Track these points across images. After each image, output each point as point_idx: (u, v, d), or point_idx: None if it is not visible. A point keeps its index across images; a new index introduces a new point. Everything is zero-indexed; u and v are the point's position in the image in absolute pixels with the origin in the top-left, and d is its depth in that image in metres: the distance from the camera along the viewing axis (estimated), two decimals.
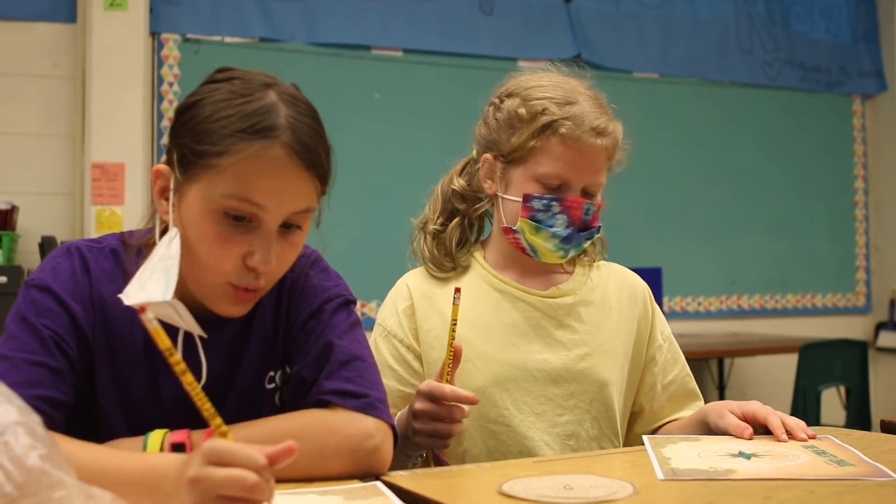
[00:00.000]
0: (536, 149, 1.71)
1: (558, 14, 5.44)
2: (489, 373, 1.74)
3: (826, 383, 4.53)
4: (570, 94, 1.73)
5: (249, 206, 1.24)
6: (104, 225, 4.41)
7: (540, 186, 1.72)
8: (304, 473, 1.24)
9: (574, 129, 1.68)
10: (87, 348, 1.33)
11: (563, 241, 1.72)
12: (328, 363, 1.37)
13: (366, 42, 5.02)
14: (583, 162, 1.70)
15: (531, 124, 1.71)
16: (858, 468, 1.30)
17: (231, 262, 1.26)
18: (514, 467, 1.37)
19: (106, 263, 1.38)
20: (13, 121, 4.50)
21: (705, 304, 5.79)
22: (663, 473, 1.28)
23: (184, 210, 1.28)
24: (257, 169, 1.23)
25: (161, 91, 4.66)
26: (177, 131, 1.30)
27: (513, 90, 1.79)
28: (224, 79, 1.30)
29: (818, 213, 6.19)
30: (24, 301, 1.31)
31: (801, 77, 6.14)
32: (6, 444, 0.85)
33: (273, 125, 1.24)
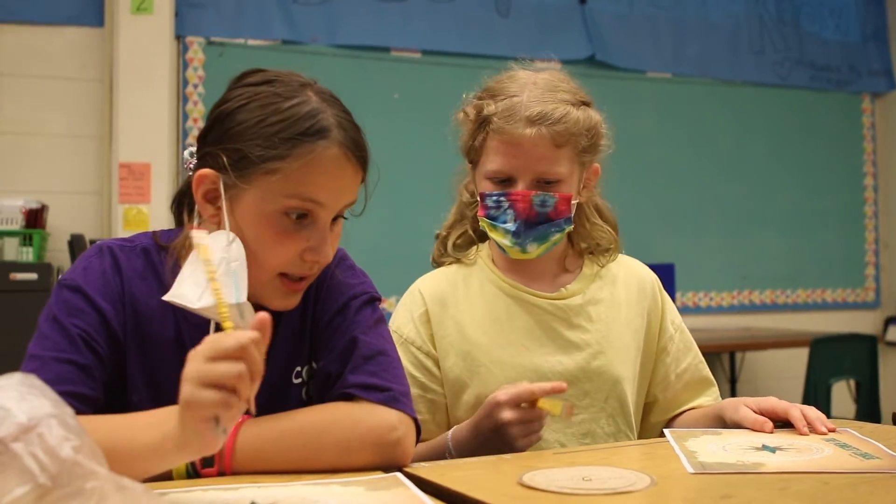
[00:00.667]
0: (479, 147, 1.72)
1: (573, 15, 5.51)
2: (504, 378, 1.69)
3: (836, 377, 4.55)
4: (517, 87, 1.70)
5: (311, 204, 1.29)
6: (131, 223, 4.49)
7: (491, 184, 1.71)
8: (328, 465, 1.27)
9: (503, 123, 1.66)
10: (118, 346, 1.34)
11: (513, 236, 1.70)
12: (353, 358, 1.38)
13: (385, 43, 5.11)
14: (519, 153, 1.67)
15: (473, 124, 1.73)
16: (885, 461, 1.29)
17: (290, 258, 1.31)
18: (534, 459, 1.38)
19: (137, 262, 1.40)
20: (43, 122, 4.58)
21: (717, 300, 5.85)
22: (692, 467, 1.27)
23: (238, 212, 1.30)
24: (319, 169, 1.28)
25: (186, 93, 4.75)
26: (223, 136, 1.31)
27: (477, 92, 1.80)
28: (261, 81, 1.33)
29: (828, 209, 6.24)
30: (56, 301, 1.33)
31: (812, 76, 6.20)
32: (40, 435, 0.86)
33: (327, 126, 1.29)
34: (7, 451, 0.85)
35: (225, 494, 1.13)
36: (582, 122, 1.70)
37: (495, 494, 1.14)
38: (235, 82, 1.36)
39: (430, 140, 5.32)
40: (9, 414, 0.87)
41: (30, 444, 0.86)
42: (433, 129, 5.21)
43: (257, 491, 1.14)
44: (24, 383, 0.91)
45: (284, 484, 1.19)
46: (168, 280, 1.34)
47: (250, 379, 1.02)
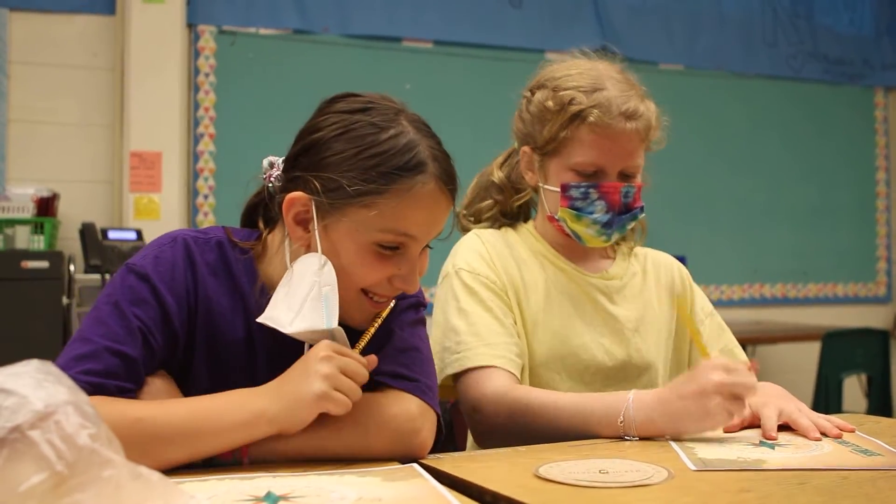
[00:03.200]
0: (568, 139, 1.71)
1: (586, 6, 5.50)
2: (547, 349, 1.74)
3: (848, 371, 4.56)
4: (598, 80, 1.72)
5: (405, 238, 1.29)
6: (142, 212, 4.50)
7: (576, 175, 1.72)
8: (346, 448, 1.28)
9: (602, 117, 1.67)
10: (177, 342, 1.33)
11: (604, 227, 1.73)
12: (385, 348, 1.38)
13: (397, 34, 5.10)
14: (615, 147, 1.70)
15: (560, 115, 1.71)
16: (886, 458, 1.30)
17: (376, 281, 1.32)
18: (550, 451, 1.37)
19: (211, 255, 1.38)
20: (54, 110, 4.59)
21: (728, 293, 5.84)
22: (693, 464, 1.27)
23: (331, 238, 1.30)
24: (415, 204, 1.27)
25: (197, 81, 4.75)
26: (317, 164, 1.29)
27: (542, 81, 1.79)
28: (356, 109, 1.31)
29: (840, 203, 6.23)
30: (122, 285, 1.31)
31: (825, 69, 6.18)
32: (57, 423, 0.86)
33: (424, 160, 1.28)
34: (24, 439, 0.85)
35: (241, 484, 1.12)
36: (655, 116, 1.77)
37: (511, 486, 1.14)
38: (326, 107, 1.35)
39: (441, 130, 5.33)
40: (25, 401, 0.87)
41: (47, 431, 0.86)
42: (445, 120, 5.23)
43: (273, 481, 1.14)
44: (41, 370, 0.91)
45: (300, 474, 1.19)
46: (241, 277, 1.37)
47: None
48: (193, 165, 4.73)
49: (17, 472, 0.84)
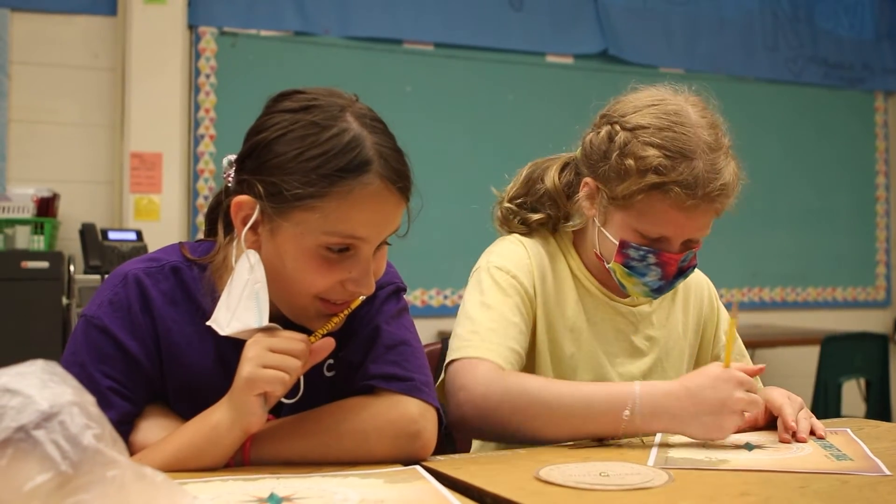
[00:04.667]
0: (640, 203, 1.59)
1: (586, 10, 5.50)
2: (563, 370, 1.72)
3: (847, 375, 4.56)
4: (687, 144, 1.58)
5: (352, 240, 1.25)
6: (142, 213, 4.50)
7: (640, 237, 1.63)
8: (347, 455, 1.28)
9: (684, 196, 1.55)
10: (152, 383, 1.34)
11: (653, 292, 1.68)
12: (374, 347, 1.38)
13: (398, 36, 5.09)
14: (689, 223, 1.61)
15: (640, 179, 1.58)
16: (856, 463, 1.30)
17: (329, 286, 1.27)
18: (551, 454, 1.38)
19: (166, 285, 1.37)
20: (55, 111, 4.58)
21: (727, 296, 5.82)
22: (654, 461, 1.30)
23: (278, 242, 1.27)
24: (359, 205, 1.23)
25: (198, 83, 4.74)
26: (260, 168, 1.27)
27: (625, 121, 1.64)
28: (299, 108, 1.27)
29: (840, 207, 6.23)
30: (84, 340, 1.32)
31: (825, 73, 6.18)
32: (62, 423, 0.86)
33: (367, 158, 1.24)
34: (29, 439, 0.86)
35: (244, 485, 1.13)
36: (737, 180, 1.67)
37: (512, 489, 1.15)
38: (272, 105, 1.31)
39: (442, 132, 5.36)
40: (31, 401, 0.87)
41: (51, 431, 0.87)
42: (446, 122, 5.25)
43: (276, 483, 1.14)
44: (46, 370, 0.91)
45: (303, 476, 1.19)
46: (202, 300, 1.35)
47: (300, 370, 1.24)
48: (194, 166, 4.73)
49: (21, 471, 0.85)
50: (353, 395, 1.36)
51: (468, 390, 1.53)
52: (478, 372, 1.54)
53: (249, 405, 1.21)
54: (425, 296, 5.03)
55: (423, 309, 4.98)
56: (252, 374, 1.20)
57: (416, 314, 4.97)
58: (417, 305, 4.98)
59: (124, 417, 1.31)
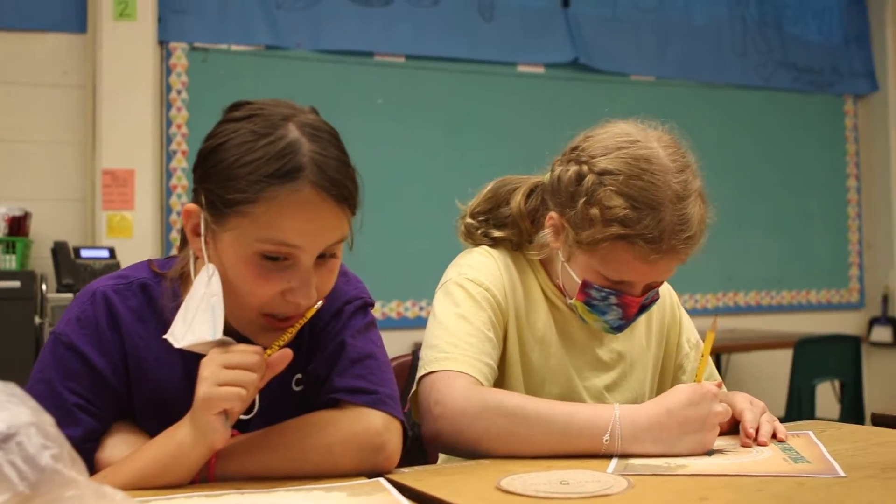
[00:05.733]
0: (606, 250, 1.57)
1: (556, 19, 5.52)
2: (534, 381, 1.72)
3: (820, 377, 4.58)
4: (654, 194, 1.55)
5: (285, 248, 1.24)
6: (115, 230, 4.48)
7: (602, 278, 1.61)
8: (312, 469, 1.28)
9: (649, 250, 1.54)
10: (118, 399, 1.35)
11: (614, 329, 1.68)
12: (339, 361, 1.38)
13: (369, 48, 5.09)
14: (652, 272, 1.60)
15: (605, 228, 1.56)
16: (812, 465, 1.32)
17: (270, 298, 1.26)
18: (514, 464, 1.38)
19: (134, 301, 1.38)
20: (25, 129, 4.56)
21: (702, 301, 5.88)
22: (614, 468, 1.32)
23: (219, 250, 1.27)
24: (289, 212, 1.22)
25: (170, 99, 4.74)
26: (203, 175, 1.28)
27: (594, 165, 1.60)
28: (243, 117, 1.28)
29: (812, 211, 6.28)
30: (52, 358, 1.33)
31: (794, 78, 6.23)
32: (19, 444, 0.87)
33: (299, 165, 1.22)
34: None
35: (206, 501, 1.13)
36: (701, 222, 1.63)
37: (473, 499, 1.16)
38: (224, 114, 1.32)
39: (413, 144, 5.37)
40: None
41: (9, 452, 0.87)
42: (417, 133, 5.25)
43: (240, 498, 1.15)
44: (4, 391, 0.91)
45: (267, 490, 1.19)
46: (169, 315, 1.34)
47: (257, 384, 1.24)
48: (166, 182, 4.72)
49: None
50: (319, 408, 1.36)
51: (444, 405, 1.51)
52: (455, 386, 1.53)
53: (211, 423, 1.21)
54: (401, 307, 5.02)
55: (398, 321, 4.98)
56: (208, 393, 1.20)
57: (391, 325, 4.98)
58: (393, 317, 4.98)
59: (90, 434, 1.31)
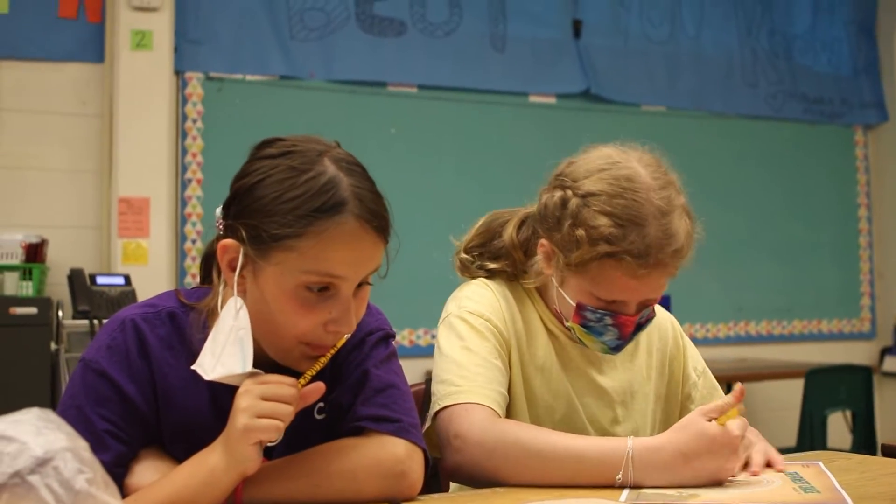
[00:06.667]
0: (595, 270, 1.60)
1: (567, 50, 5.56)
2: (534, 411, 1.72)
3: (832, 408, 4.57)
4: (638, 210, 1.58)
5: (330, 279, 1.28)
6: (130, 257, 4.52)
7: (595, 300, 1.63)
8: (337, 496, 1.30)
9: (636, 265, 1.56)
10: (147, 425, 1.37)
11: (612, 349, 1.69)
12: (364, 390, 1.40)
13: (382, 78, 5.15)
14: (642, 287, 1.61)
15: (592, 248, 1.58)
16: (822, 496, 1.31)
17: (312, 328, 1.30)
18: (527, 492, 1.38)
19: (162, 330, 1.40)
20: (43, 157, 4.61)
21: (713, 331, 5.87)
22: (627, 498, 1.32)
23: (260, 284, 1.30)
24: (335, 245, 1.27)
25: (185, 128, 4.79)
26: (241, 211, 1.32)
27: (575, 187, 1.64)
28: (279, 154, 1.32)
29: (823, 240, 6.28)
30: (82, 384, 1.35)
31: (805, 109, 6.25)
32: (56, 468, 0.90)
33: (342, 199, 1.27)
34: (24, 483, 0.89)
35: None
36: (691, 237, 1.67)
37: None
38: (255, 153, 1.36)
39: (427, 173, 5.40)
40: (25, 447, 0.90)
41: (45, 476, 0.90)
42: (430, 162, 5.28)
43: None
44: (41, 417, 0.94)
45: None
46: (197, 344, 1.36)
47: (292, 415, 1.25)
48: (181, 210, 4.76)
49: None
50: (343, 436, 1.38)
51: (463, 438, 1.52)
52: (474, 418, 1.54)
53: (246, 452, 1.23)
54: (413, 335, 5.04)
55: (411, 349, 5.00)
56: (248, 425, 1.22)
57: (404, 354, 4.95)
58: (405, 345, 4.99)
59: (119, 460, 1.33)
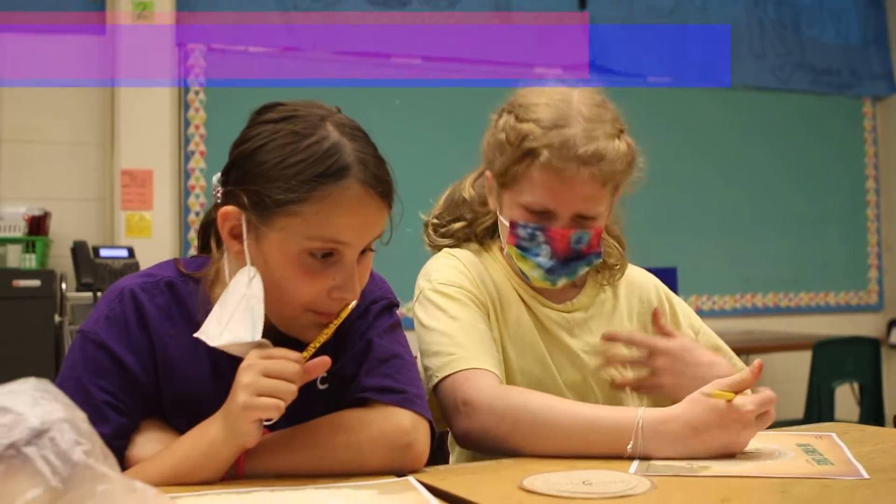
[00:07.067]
0: (520, 175, 1.60)
1: (573, 21, 5.52)
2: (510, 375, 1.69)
3: (839, 380, 4.57)
4: (563, 114, 1.58)
5: (334, 244, 1.26)
6: (133, 229, 4.51)
7: (526, 213, 1.62)
8: (341, 467, 1.28)
9: (555, 159, 1.55)
10: (147, 396, 1.35)
11: (547, 273, 1.65)
12: (367, 360, 1.38)
13: (386, 50, 5.12)
14: (567, 191, 1.58)
15: (515, 150, 1.59)
16: (837, 467, 1.29)
17: (317, 295, 1.29)
18: (535, 463, 1.37)
19: (161, 299, 1.38)
20: (45, 130, 4.61)
21: (720, 303, 5.86)
22: (637, 469, 1.30)
23: (263, 251, 1.29)
24: (339, 210, 1.25)
25: (187, 100, 4.76)
26: (242, 177, 1.30)
27: (509, 106, 1.67)
28: (280, 118, 1.30)
29: (830, 212, 6.26)
30: (81, 356, 1.33)
31: (812, 80, 6.21)
32: (52, 439, 0.87)
33: (346, 164, 1.26)
34: (20, 455, 0.86)
35: (237, 498, 1.13)
36: (624, 157, 1.61)
37: (496, 499, 1.15)
38: (255, 117, 1.34)
39: (430, 145, 5.37)
40: (22, 418, 0.88)
41: (42, 447, 0.87)
42: (434, 134, 5.26)
43: (270, 495, 1.15)
44: (38, 388, 0.92)
45: (296, 488, 1.19)
46: (196, 314, 1.35)
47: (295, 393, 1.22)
48: (185, 183, 4.75)
49: (12, 487, 0.85)
50: (346, 407, 1.36)
51: (473, 404, 1.51)
52: (481, 384, 1.52)
53: (245, 429, 1.21)
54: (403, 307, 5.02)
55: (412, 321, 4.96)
56: (248, 402, 1.19)
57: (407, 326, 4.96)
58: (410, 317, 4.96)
59: (120, 432, 1.31)
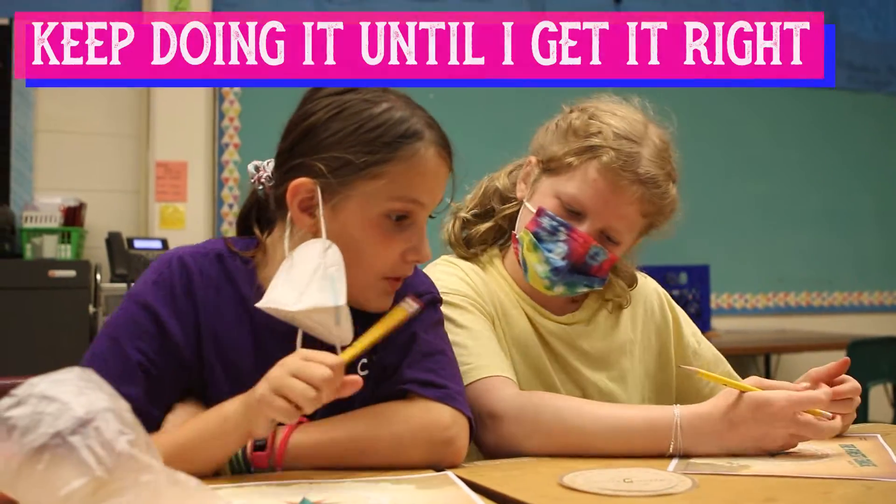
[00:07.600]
0: (574, 166, 1.59)
1: None
2: None
3: (874, 380, 4.52)
4: (638, 133, 1.60)
5: (414, 205, 1.31)
6: (167, 221, 4.54)
7: (559, 206, 1.60)
8: (381, 460, 1.28)
9: (616, 163, 1.55)
10: (184, 366, 1.35)
11: (552, 272, 1.61)
12: (411, 352, 1.38)
13: None
14: (611, 200, 1.57)
15: (580, 141, 1.59)
16: (880, 469, 1.27)
17: (393, 259, 1.32)
18: (572, 461, 1.35)
19: (212, 269, 1.39)
20: (81, 121, 4.64)
21: (752, 301, 5.82)
22: (676, 467, 1.29)
23: (341, 219, 1.30)
24: (421, 170, 1.31)
25: (222, 92, 4.78)
26: (318, 146, 1.30)
27: (585, 105, 1.68)
28: (343, 91, 1.34)
29: (865, 211, 6.21)
30: (125, 315, 1.34)
31: (850, 77, 6.15)
32: (97, 429, 0.88)
33: (420, 128, 1.31)
34: (65, 444, 0.87)
35: (277, 490, 1.14)
36: (671, 201, 1.63)
37: (537, 495, 1.14)
38: (311, 96, 1.36)
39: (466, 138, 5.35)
40: (67, 408, 0.89)
41: (87, 437, 0.88)
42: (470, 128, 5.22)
43: (309, 487, 1.15)
44: (83, 378, 0.92)
45: (336, 481, 1.19)
46: (244, 288, 1.36)
47: (319, 401, 1.15)
48: (218, 175, 4.77)
49: (58, 476, 0.86)
50: (387, 398, 1.36)
51: (498, 416, 1.46)
52: (503, 394, 1.49)
53: (258, 420, 1.19)
54: None
55: None
56: (265, 398, 1.16)
57: None
58: None
59: (149, 396, 1.30)
